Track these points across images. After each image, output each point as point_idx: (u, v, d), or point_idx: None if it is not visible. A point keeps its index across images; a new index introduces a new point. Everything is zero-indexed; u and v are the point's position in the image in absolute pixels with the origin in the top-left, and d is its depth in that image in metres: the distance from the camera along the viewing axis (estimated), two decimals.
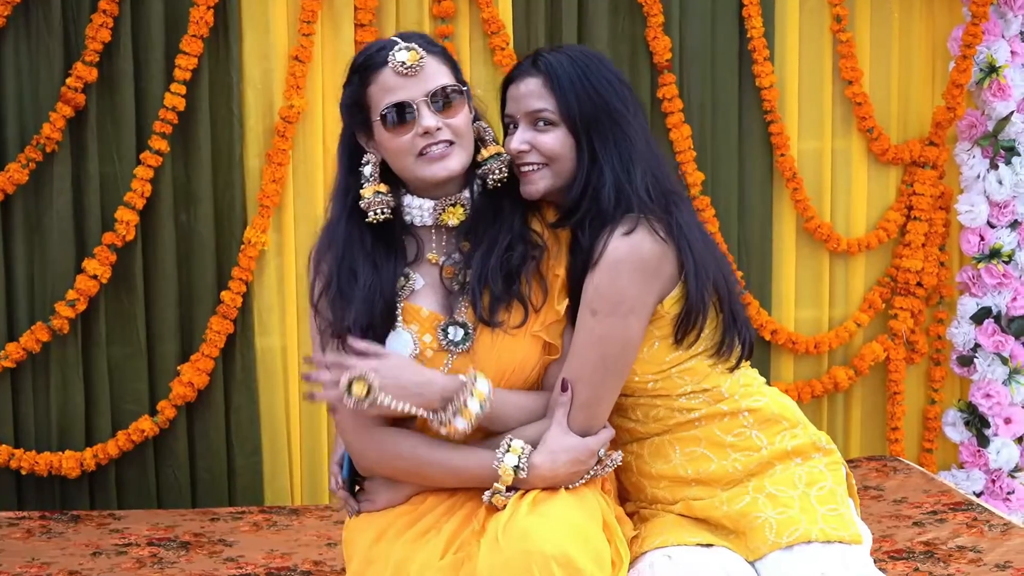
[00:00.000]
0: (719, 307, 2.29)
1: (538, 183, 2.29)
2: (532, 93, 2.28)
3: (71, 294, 3.83)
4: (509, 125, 2.34)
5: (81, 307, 3.85)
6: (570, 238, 2.29)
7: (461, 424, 2.13)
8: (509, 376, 2.25)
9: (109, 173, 3.89)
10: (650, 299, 2.22)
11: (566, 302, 2.27)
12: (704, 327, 2.26)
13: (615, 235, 2.18)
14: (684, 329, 2.25)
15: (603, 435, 2.25)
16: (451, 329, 2.23)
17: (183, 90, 3.84)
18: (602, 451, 2.24)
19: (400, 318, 2.24)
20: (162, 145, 3.85)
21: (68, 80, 3.79)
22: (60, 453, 3.88)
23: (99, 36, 3.78)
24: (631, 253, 2.18)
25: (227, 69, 3.92)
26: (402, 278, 2.26)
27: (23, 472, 3.88)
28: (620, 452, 2.30)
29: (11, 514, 3.72)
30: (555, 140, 2.27)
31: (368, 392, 2.10)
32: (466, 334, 2.23)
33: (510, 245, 2.24)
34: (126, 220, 3.83)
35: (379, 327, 2.22)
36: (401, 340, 2.23)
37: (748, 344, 2.34)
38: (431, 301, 2.26)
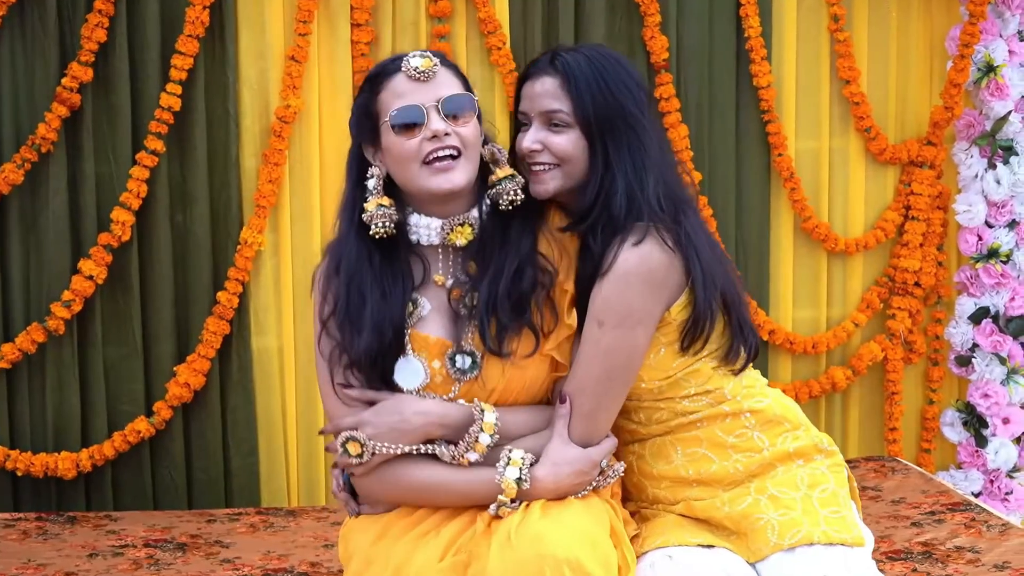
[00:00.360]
0: (726, 314, 2.28)
1: (548, 183, 2.28)
2: (548, 93, 2.26)
3: (67, 295, 3.82)
4: (522, 123, 2.32)
5: (77, 308, 3.83)
6: (579, 244, 2.27)
7: (474, 457, 2.18)
8: (516, 394, 2.25)
9: (105, 173, 3.88)
10: (657, 310, 2.21)
11: (574, 312, 2.26)
12: (711, 335, 2.26)
13: (625, 246, 2.17)
14: (691, 337, 2.25)
15: (605, 445, 2.24)
16: (459, 358, 2.22)
17: (179, 90, 3.83)
18: (604, 462, 2.23)
19: (409, 346, 2.23)
20: (158, 145, 3.83)
21: (64, 80, 3.78)
22: (56, 454, 3.86)
23: (95, 36, 3.77)
24: (640, 264, 2.17)
25: (223, 69, 3.90)
26: (409, 304, 2.24)
27: (19, 473, 3.87)
28: (622, 463, 2.30)
29: (7, 515, 3.71)
30: (568, 142, 2.25)
31: (362, 449, 2.16)
32: (474, 363, 2.22)
33: (518, 269, 2.21)
34: (122, 220, 3.82)
35: (388, 355, 2.21)
36: (411, 368, 2.22)
37: (753, 349, 2.34)
38: (438, 327, 2.24)
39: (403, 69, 2.20)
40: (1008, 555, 3.13)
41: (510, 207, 2.24)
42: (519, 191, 2.25)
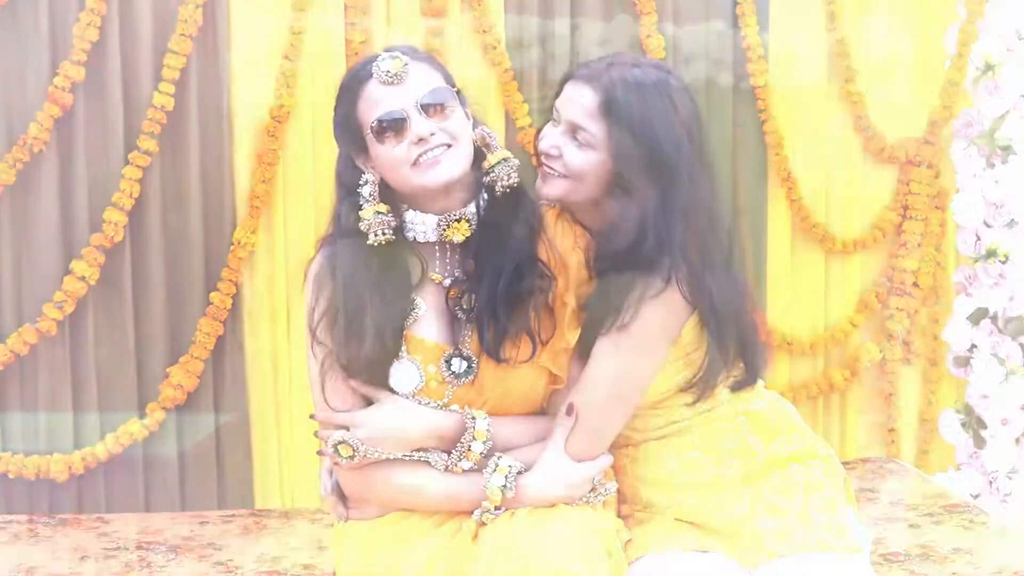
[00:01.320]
0: (740, 358, 2.26)
1: (552, 188, 2.23)
2: (583, 107, 2.16)
3: (59, 295, 3.80)
4: (553, 117, 2.24)
5: (69, 309, 3.82)
6: (589, 272, 2.23)
7: (466, 466, 2.14)
8: (512, 403, 2.21)
9: (97, 174, 3.87)
10: (672, 337, 2.19)
11: (577, 332, 2.23)
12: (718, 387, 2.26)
13: (646, 299, 2.12)
14: (699, 391, 2.23)
15: (600, 462, 2.20)
16: (455, 361, 2.18)
17: (172, 89, 3.81)
18: (596, 479, 2.20)
19: (404, 348, 2.19)
20: (151, 145, 3.82)
21: (56, 80, 3.76)
22: (48, 456, 3.85)
23: (87, 35, 3.75)
24: (660, 310, 2.13)
25: (216, 68, 3.89)
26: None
27: (11, 475, 3.85)
28: (614, 483, 2.26)
29: None
30: (585, 162, 2.17)
31: (354, 452, 2.14)
32: (469, 367, 2.19)
33: (517, 272, 2.17)
34: (114, 221, 3.80)
35: (387, 359, 2.17)
36: (406, 372, 2.18)
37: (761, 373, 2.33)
38: (435, 330, 2.20)
39: (374, 74, 2.14)
40: (1006, 557, 3.12)
41: (507, 191, 2.20)
42: (514, 174, 2.20)
